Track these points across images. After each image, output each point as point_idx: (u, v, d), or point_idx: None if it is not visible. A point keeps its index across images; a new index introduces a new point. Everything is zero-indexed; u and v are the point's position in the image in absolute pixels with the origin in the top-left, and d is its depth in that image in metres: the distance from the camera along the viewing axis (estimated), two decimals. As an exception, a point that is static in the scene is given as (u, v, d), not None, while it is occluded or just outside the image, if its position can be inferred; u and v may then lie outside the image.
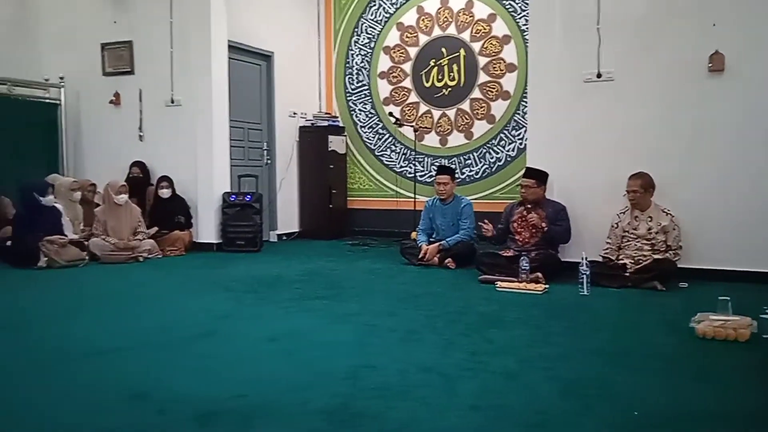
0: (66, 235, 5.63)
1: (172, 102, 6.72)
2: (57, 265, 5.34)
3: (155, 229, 6.30)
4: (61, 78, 7.04)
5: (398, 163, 7.96)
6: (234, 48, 6.86)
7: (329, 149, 7.81)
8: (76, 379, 2.50)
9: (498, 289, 4.39)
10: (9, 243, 5.58)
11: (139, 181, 6.64)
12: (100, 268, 5.45)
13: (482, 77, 7.43)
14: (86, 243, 5.74)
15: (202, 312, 3.75)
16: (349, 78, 8.26)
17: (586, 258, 4.25)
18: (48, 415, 2.12)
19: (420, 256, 5.51)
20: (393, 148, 7.99)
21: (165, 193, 6.43)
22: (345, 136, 8.15)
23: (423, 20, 7.74)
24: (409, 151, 7.79)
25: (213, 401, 2.22)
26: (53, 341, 3.08)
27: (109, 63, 7.05)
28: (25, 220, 5.55)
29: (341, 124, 8.18)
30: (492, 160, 7.38)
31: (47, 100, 7.03)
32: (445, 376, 2.50)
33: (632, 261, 4.57)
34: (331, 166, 7.85)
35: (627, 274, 4.47)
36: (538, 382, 2.45)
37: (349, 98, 8.27)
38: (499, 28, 7.32)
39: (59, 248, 5.42)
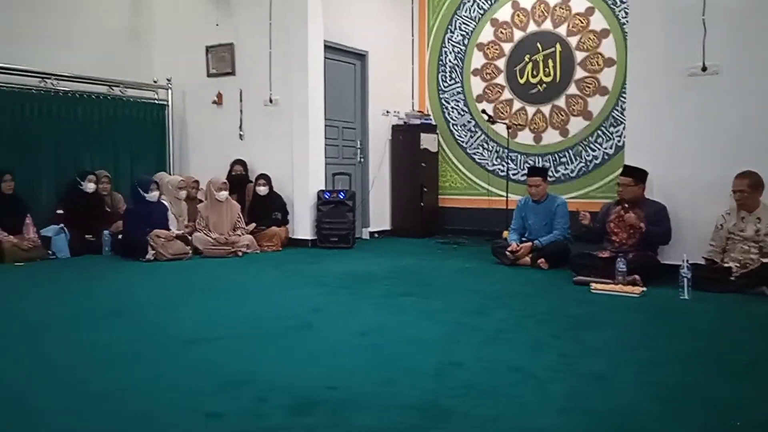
0: (171, 230, 5.98)
1: (270, 102, 6.96)
2: (163, 258, 5.66)
3: (253, 225, 6.56)
4: (169, 80, 7.46)
5: (490, 161, 7.88)
6: (330, 48, 7.02)
7: (421, 147, 7.85)
8: (183, 364, 2.66)
9: (593, 290, 4.26)
10: (120, 236, 5.98)
11: (240, 178, 6.93)
12: (202, 262, 5.74)
13: (579, 73, 7.23)
14: (190, 237, 6.06)
15: (297, 305, 3.89)
16: (442, 76, 8.26)
17: (687, 260, 4.05)
18: (157, 397, 2.26)
19: (509, 250, 5.44)
20: (485, 146, 7.92)
21: (262, 190, 6.68)
22: (437, 134, 8.16)
23: (518, 15, 7.62)
24: (501, 149, 7.70)
25: (307, 391, 2.30)
26: (161, 329, 3.28)
27: (212, 65, 7.40)
28: (134, 215, 5.93)
29: (433, 122, 8.19)
30: (588, 158, 7.18)
31: (156, 101, 7.47)
32: (534, 377, 2.47)
33: (738, 264, 4.31)
34: (423, 165, 7.88)
35: (732, 279, 4.23)
36: (631, 386, 2.37)
37: (441, 96, 8.27)
38: (597, 21, 7.09)
39: (166, 242, 5.74)
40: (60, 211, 6.06)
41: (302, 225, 6.82)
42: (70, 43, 6.80)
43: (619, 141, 6.84)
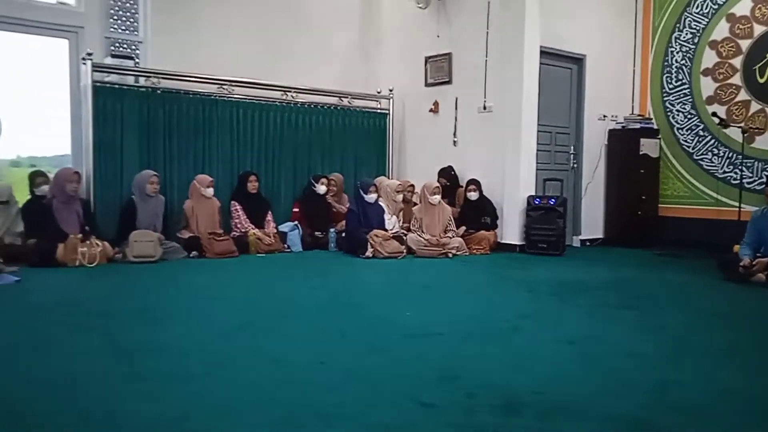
0: (388, 230, 6.40)
1: (484, 108, 7.12)
2: (380, 255, 6.07)
3: (463, 228, 6.76)
4: (391, 90, 7.96)
5: (721, 168, 7.24)
6: (545, 53, 6.97)
7: (640, 153, 7.46)
8: (404, 355, 2.89)
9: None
10: (344, 234, 6.54)
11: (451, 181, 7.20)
12: (415, 261, 6.06)
13: (834, 70, 6.38)
14: (404, 238, 6.43)
15: (505, 308, 3.99)
16: (667, 77, 7.77)
17: None
18: (381, 382, 2.50)
19: (742, 265, 4.98)
20: (715, 151, 7.30)
21: (473, 195, 6.85)
22: (659, 138, 7.69)
23: (759, 9, 6.91)
24: (735, 155, 7.03)
25: (516, 393, 2.39)
26: (385, 321, 3.57)
27: (430, 74, 7.76)
28: (356, 215, 6.45)
29: (655, 126, 7.74)
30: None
31: (379, 111, 8.02)
32: (757, 401, 2.30)
33: None
34: (642, 171, 7.49)
35: None
36: None
37: (666, 98, 7.78)
38: None
39: (383, 241, 6.16)
40: (295, 210, 6.81)
41: (511, 230, 6.87)
42: (308, 60, 7.61)
43: None
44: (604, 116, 7.73)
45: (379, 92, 7.98)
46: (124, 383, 2.40)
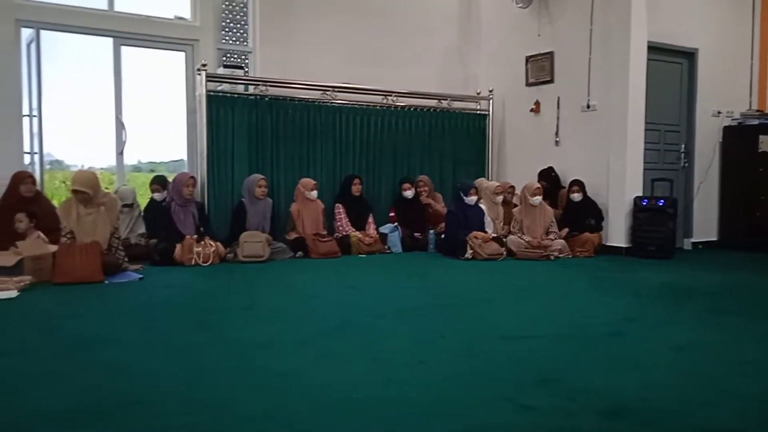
0: (488, 232, 6.37)
1: (588, 107, 6.94)
2: (480, 257, 6.06)
3: (566, 230, 6.62)
4: (491, 91, 7.92)
5: None
6: (653, 48, 6.70)
7: (759, 150, 7.01)
8: (502, 358, 2.89)
9: None
10: (442, 236, 6.58)
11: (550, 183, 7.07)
12: (515, 263, 6.00)
13: None
14: (504, 240, 6.38)
15: (608, 312, 3.89)
16: (790, 69, 7.26)
17: None
18: (479, 384, 2.52)
19: None
20: None
21: (576, 196, 6.69)
22: (781, 135, 7.20)
23: None
24: None
25: (618, 398, 2.35)
26: (483, 323, 3.58)
27: (531, 74, 7.65)
28: (455, 217, 6.47)
29: (776, 122, 7.25)
30: None
31: (478, 112, 8.00)
32: None
33: None
34: (761, 170, 7.03)
35: None
36: None
37: (788, 92, 7.27)
38: None
39: (482, 243, 6.14)
40: (391, 214, 6.93)
41: (617, 232, 6.65)
42: (407, 63, 7.73)
43: None
44: (719, 112, 7.32)
45: (478, 93, 7.96)
46: (234, 376, 2.56)
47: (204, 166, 6.36)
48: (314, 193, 6.46)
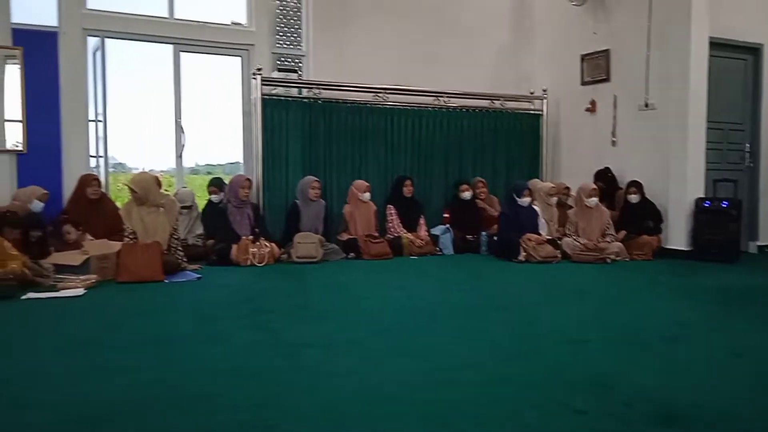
0: (542, 234, 6.29)
1: (646, 106, 6.76)
2: (534, 260, 5.99)
3: (623, 232, 6.46)
4: (544, 90, 7.81)
5: None
6: (715, 44, 6.48)
7: (830, 149, 6.70)
8: (555, 361, 2.86)
9: None
10: (495, 238, 6.52)
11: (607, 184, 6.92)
12: (570, 266, 5.90)
13: None
14: (559, 242, 6.28)
15: (665, 316, 3.79)
16: None
17: None
18: (532, 388, 2.50)
19: None
20: None
21: (634, 198, 6.53)
22: None
23: None
24: None
25: (673, 404, 2.29)
26: (536, 326, 3.54)
27: (587, 72, 7.51)
28: (508, 219, 6.40)
29: None
30: None
31: (531, 112, 7.91)
32: None
33: None
34: (833, 169, 6.72)
35: None
36: None
37: None
38: None
39: (536, 245, 6.06)
40: (446, 215, 6.91)
41: (676, 235, 6.46)
42: (458, 63, 7.70)
43: None
44: (788, 109, 7.02)
45: (532, 93, 7.87)
46: (288, 375, 2.61)
47: (259, 168, 6.49)
48: (367, 195, 6.50)
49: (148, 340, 3.14)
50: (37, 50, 6.11)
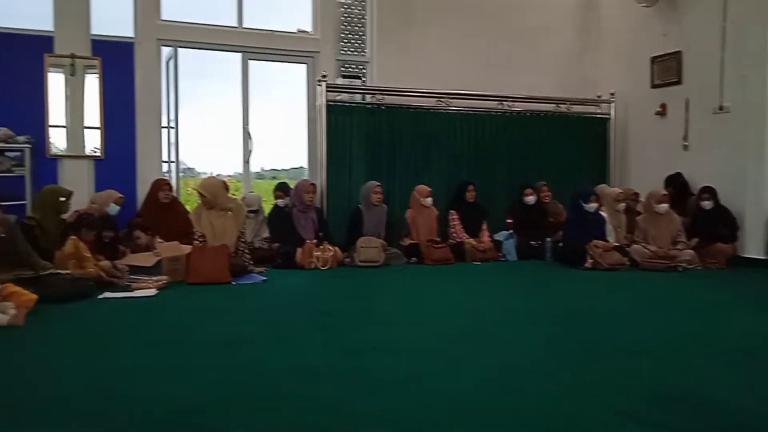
0: (609, 241, 6.13)
1: (720, 109, 6.51)
2: (601, 267, 5.84)
3: (696, 240, 6.23)
4: (612, 94, 7.63)
5: None
6: (796, 44, 6.19)
7: None
8: (620, 372, 2.78)
9: None
10: (560, 244, 6.40)
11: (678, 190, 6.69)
12: (639, 274, 5.72)
13: None
14: (627, 249, 6.11)
15: (740, 328, 3.64)
16: None
17: None
18: (597, 400, 2.45)
19: None
20: None
21: (707, 204, 6.28)
22: None
23: None
24: None
25: (743, 418, 2.22)
26: (606, 336, 3.45)
27: (657, 75, 7.30)
28: (574, 225, 6.27)
29: None
30: None
31: (598, 115, 7.73)
32: None
33: None
34: None
35: None
36: None
37: None
38: None
39: (603, 252, 5.92)
40: (509, 221, 6.82)
41: (754, 243, 6.18)
42: (522, 67, 7.63)
43: None
44: None
45: (599, 96, 7.69)
46: (353, 378, 2.64)
47: (323, 173, 6.59)
48: (429, 200, 6.50)
49: (217, 340, 3.24)
50: (115, 60, 6.41)
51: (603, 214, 6.37)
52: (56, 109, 6.23)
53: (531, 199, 6.85)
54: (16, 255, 4.28)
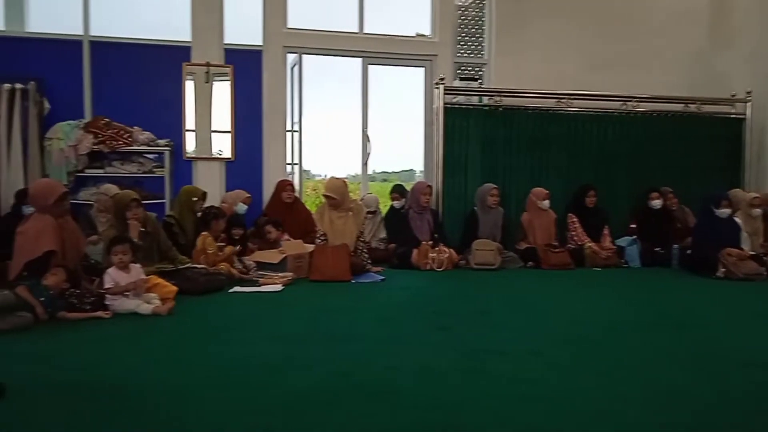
0: (744, 249, 5.75)
1: None
2: (734, 276, 5.49)
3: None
4: (748, 92, 7.14)
5: None
6: None
7: None
8: (732, 386, 2.64)
9: None
10: (688, 251, 6.06)
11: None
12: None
13: None
14: (765, 258, 5.70)
15: None
16: None
17: None
18: (701, 412, 2.34)
19: None
20: None
21: None
22: None
23: None
24: None
25: None
26: (714, 347, 3.29)
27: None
28: (704, 231, 5.93)
29: None
30: None
31: (732, 116, 7.26)
32: None
33: None
34: None
35: None
36: None
37: None
38: None
39: (737, 261, 5.56)
40: (633, 225, 6.55)
41: None
42: (646, 66, 7.33)
43: None
44: None
45: (733, 95, 7.21)
46: (468, 379, 2.68)
47: (440, 175, 6.64)
48: (546, 203, 6.38)
49: (338, 335, 3.37)
50: (245, 67, 6.79)
51: (737, 220, 5.98)
52: (191, 114, 6.70)
53: (657, 203, 6.54)
54: (159, 249, 4.70)
